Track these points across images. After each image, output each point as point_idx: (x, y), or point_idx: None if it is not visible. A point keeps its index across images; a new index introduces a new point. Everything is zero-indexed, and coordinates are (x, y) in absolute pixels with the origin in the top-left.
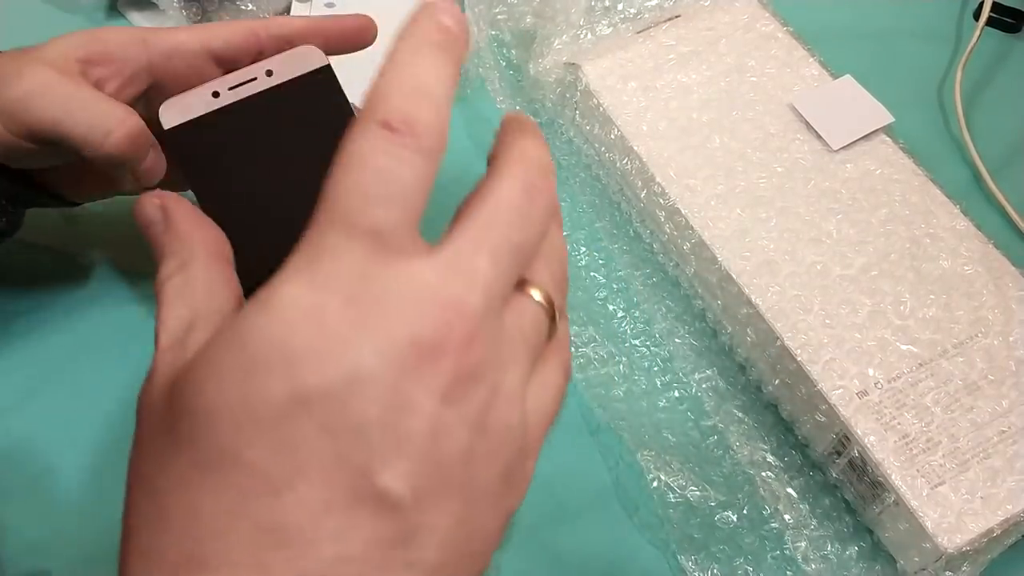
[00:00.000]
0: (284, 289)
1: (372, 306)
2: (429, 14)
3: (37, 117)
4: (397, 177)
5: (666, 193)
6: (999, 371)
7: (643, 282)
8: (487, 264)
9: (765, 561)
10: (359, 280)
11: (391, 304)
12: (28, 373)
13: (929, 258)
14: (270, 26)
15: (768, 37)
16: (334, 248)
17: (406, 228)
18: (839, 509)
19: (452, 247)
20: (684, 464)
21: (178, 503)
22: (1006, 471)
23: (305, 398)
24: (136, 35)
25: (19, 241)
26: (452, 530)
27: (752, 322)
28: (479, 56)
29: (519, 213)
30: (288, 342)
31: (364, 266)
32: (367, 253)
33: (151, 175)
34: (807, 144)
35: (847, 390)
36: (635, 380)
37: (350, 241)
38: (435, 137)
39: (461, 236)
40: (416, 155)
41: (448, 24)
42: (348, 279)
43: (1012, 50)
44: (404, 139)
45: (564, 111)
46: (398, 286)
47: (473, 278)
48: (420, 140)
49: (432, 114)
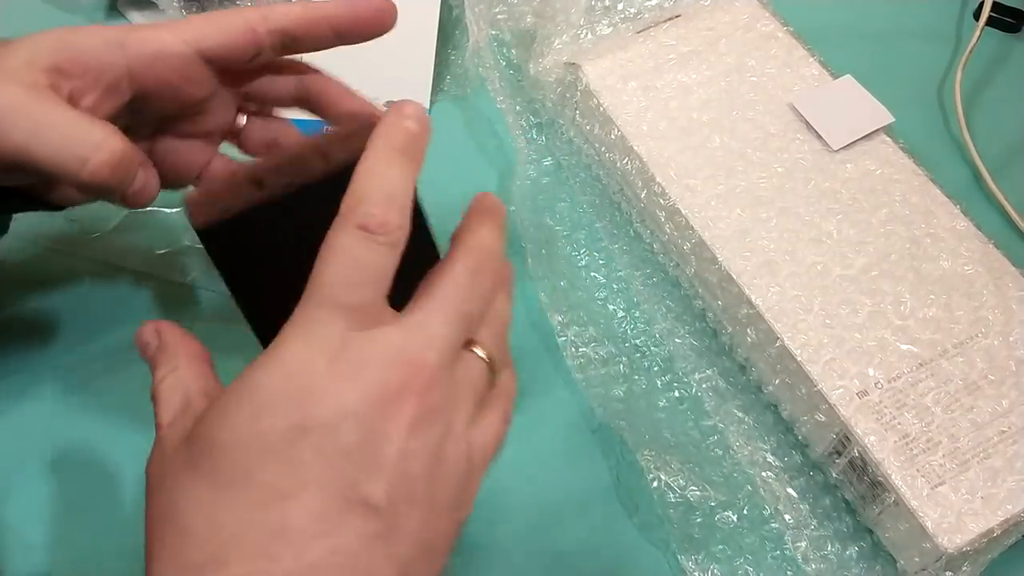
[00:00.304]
0: (284, 347)
1: (354, 362)
2: (397, 119)
3: (2, 145)
4: (371, 265)
5: (666, 193)
6: (999, 371)
7: (643, 282)
8: (441, 328)
9: (765, 561)
10: (342, 343)
11: (369, 360)
12: (27, 373)
13: (929, 258)
14: (269, 18)
15: (768, 37)
16: (321, 320)
17: (378, 302)
18: (839, 509)
19: (415, 316)
20: (684, 464)
21: (201, 517)
22: (1006, 471)
23: (304, 427)
24: (112, 37)
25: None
26: (419, 531)
27: (752, 322)
28: (479, 56)
29: (467, 290)
30: (289, 386)
31: (346, 333)
32: (348, 323)
33: (141, 199)
34: (807, 144)
35: (847, 390)
36: (635, 380)
37: (334, 315)
38: (401, 233)
39: (422, 307)
40: (385, 247)
41: (413, 129)
42: (334, 343)
43: (1012, 50)
44: (377, 237)
45: (564, 111)
46: (372, 347)
47: (431, 339)
48: (390, 237)
49: (399, 216)
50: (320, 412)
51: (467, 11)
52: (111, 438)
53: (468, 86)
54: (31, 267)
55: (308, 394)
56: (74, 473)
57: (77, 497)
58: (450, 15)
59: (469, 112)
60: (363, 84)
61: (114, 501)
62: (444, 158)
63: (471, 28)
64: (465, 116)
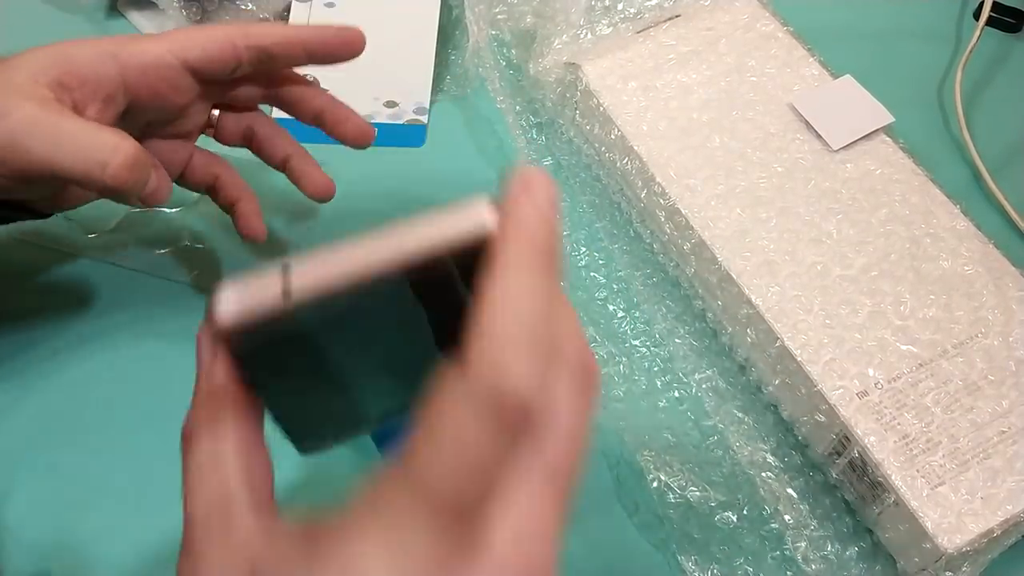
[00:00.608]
0: (361, 559)
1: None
2: (528, 200)
3: (26, 159)
4: (493, 459)
5: (666, 193)
6: (999, 371)
7: (643, 282)
8: (553, 522)
9: (765, 561)
10: (436, 568)
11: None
12: (27, 373)
13: (929, 258)
14: (249, 35)
15: (768, 37)
16: (416, 535)
17: (479, 507)
18: (839, 509)
19: (514, 529)
20: (684, 464)
21: None
22: (1006, 471)
23: None
24: (104, 50)
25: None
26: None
27: (752, 322)
28: (479, 56)
29: (574, 440)
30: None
31: (444, 565)
32: (449, 549)
33: (158, 197)
34: (807, 144)
35: (847, 390)
36: (635, 380)
37: (433, 530)
38: (538, 405)
39: (520, 507)
40: (509, 432)
41: (550, 218)
42: (426, 565)
43: (1012, 50)
44: (516, 427)
45: (564, 111)
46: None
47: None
48: (528, 419)
49: (544, 375)
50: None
51: (467, 11)
52: (111, 438)
53: (468, 86)
54: (31, 267)
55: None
56: (74, 473)
57: (77, 497)
58: (450, 15)
59: (469, 112)
60: (364, 84)
61: (114, 501)
62: (444, 158)
63: (471, 28)
64: (465, 116)
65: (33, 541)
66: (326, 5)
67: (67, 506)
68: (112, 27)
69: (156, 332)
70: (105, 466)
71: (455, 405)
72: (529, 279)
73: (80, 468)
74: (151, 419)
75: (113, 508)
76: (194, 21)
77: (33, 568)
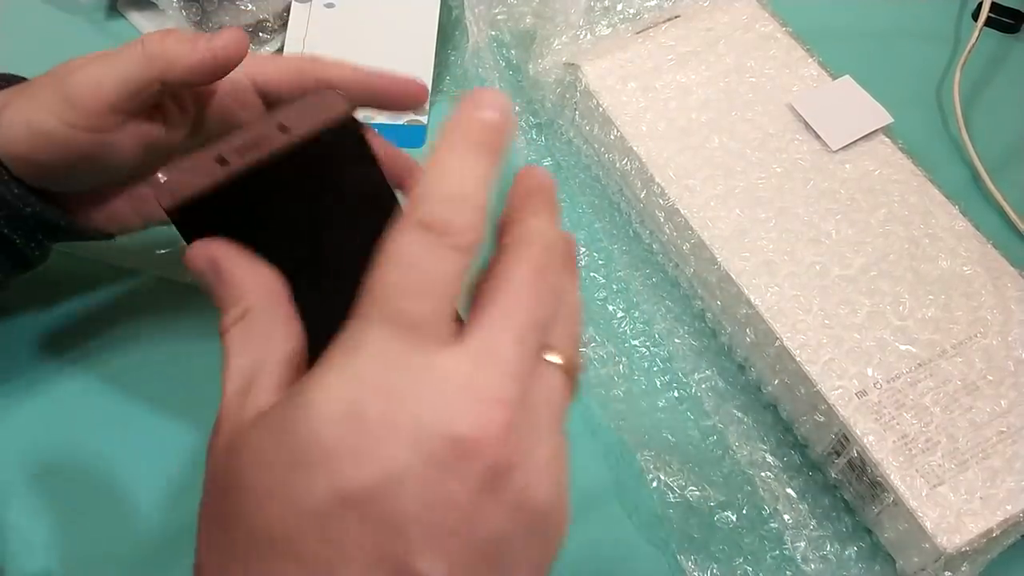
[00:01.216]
0: (324, 381)
1: (408, 400)
2: (470, 109)
3: (112, 88)
4: (433, 271)
5: (665, 193)
6: (998, 371)
7: (642, 282)
8: (514, 348)
9: (764, 561)
10: (396, 373)
11: (426, 398)
12: (27, 373)
13: (928, 258)
14: (316, 69)
15: (767, 37)
16: (372, 342)
17: (440, 319)
18: (838, 509)
19: (479, 335)
20: (684, 464)
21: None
22: (1005, 471)
23: (346, 496)
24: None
25: None
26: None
27: (751, 322)
28: (479, 57)
29: (534, 293)
30: (327, 439)
31: (400, 358)
32: (403, 346)
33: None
34: (806, 144)
35: (846, 390)
36: (635, 380)
37: (385, 333)
38: (471, 234)
39: (486, 324)
40: (453, 251)
41: (490, 119)
42: (384, 372)
43: (1011, 50)
44: (441, 237)
45: (564, 111)
46: (432, 378)
47: (504, 366)
48: (456, 238)
49: (471, 216)
50: (365, 474)
51: (467, 12)
52: (111, 438)
53: (468, 86)
54: None
55: (354, 453)
56: (74, 473)
57: (77, 497)
58: (450, 16)
59: None
60: None
61: (114, 501)
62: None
63: (471, 29)
64: None
65: (34, 541)
66: (326, 6)
67: (67, 506)
68: (112, 27)
69: (156, 332)
70: (105, 465)
71: (391, 238)
72: (458, 153)
73: (80, 468)
74: (151, 418)
75: (113, 508)
76: (193, 22)
77: (34, 568)
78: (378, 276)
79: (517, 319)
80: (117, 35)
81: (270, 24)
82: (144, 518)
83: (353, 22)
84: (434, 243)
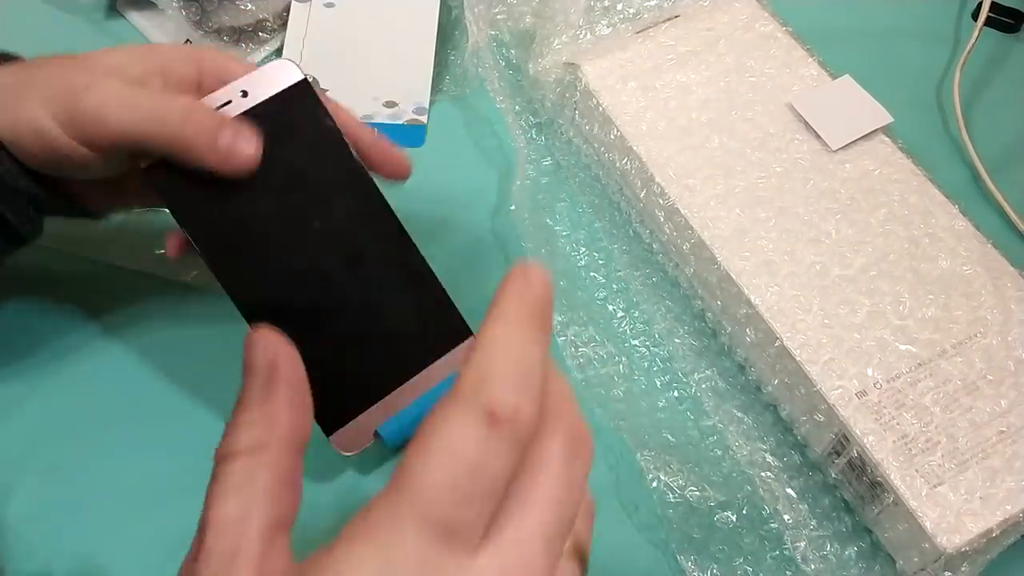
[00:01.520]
0: (354, 568)
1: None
2: (523, 283)
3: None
4: (491, 472)
5: (665, 193)
6: (998, 371)
7: (643, 282)
8: (544, 554)
9: (764, 561)
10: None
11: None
12: (27, 372)
13: (928, 258)
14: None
15: (767, 37)
16: (407, 544)
17: (482, 523)
18: (838, 509)
19: (511, 537)
20: (684, 464)
21: None
22: (1005, 471)
23: None
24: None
25: None
26: None
27: (751, 322)
28: (478, 56)
29: (567, 487)
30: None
31: (437, 568)
32: (439, 551)
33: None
34: (806, 144)
35: (846, 390)
36: (635, 380)
37: (423, 537)
38: (532, 428)
39: (515, 522)
40: (512, 445)
41: (543, 296)
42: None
43: (1011, 50)
44: (504, 432)
45: (564, 111)
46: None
47: (533, 571)
48: (519, 431)
49: (534, 404)
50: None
51: (466, 12)
52: (112, 438)
53: (467, 86)
54: (31, 267)
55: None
56: (74, 473)
57: (77, 497)
58: (449, 16)
59: (468, 112)
60: (364, 84)
61: (114, 501)
62: (444, 158)
63: (470, 28)
64: (464, 116)
65: (34, 541)
66: (326, 5)
67: (67, 506)
68: (111, 27)
69: (156, 332)
70: (105, 466)
71: (444, 418)
72: (519, 330)
73: (80, 468)
74: (152, 418)
75: (113, 508)
76: (193, 22)
77: (34, 567)
78: (427, 465)
79: (547, 515)
80: (117, 35)
81: (270, 24)
82: (144, 518)
83: (353, 22)
84: (494, 437)
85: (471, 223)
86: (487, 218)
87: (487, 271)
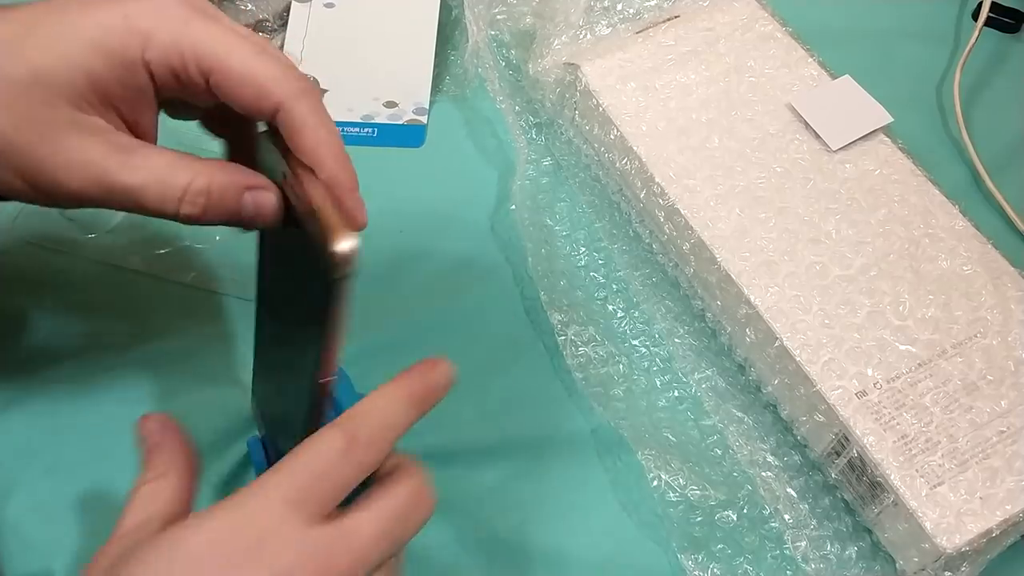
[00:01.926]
0: (224, 512)
1: (277, 548)
2: (426, 371)
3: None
4: (340, 475)
5: (665, 193)
6: (998, 371)
7: (643, 282)
8: (365, 550)
9: (765, 560)
10: (276, 529)
11: (290, 552)
12: (27, 372)
13: (928, 258)
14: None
15: (767, 37)
16: (270, 504)
17: (327, 506)
18: (839, 509)
19: (344, 526)
20: (684, 463)
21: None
22: (1005, 471)
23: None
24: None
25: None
26: None
27: (751, 322)
28: (478, 56)
29: (402, 514)
30: (209, 555)
31: (283, 523)
32: (288, 513)
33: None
34: (806, 144)
35: (846, 390)
36: (635, 380)
37: (284, 505)
38: (375, 463)
39: (352, 519)
40: (358, 467)
41: (434, 387)
42: (269, 527)
43: (1011, 50)
44: (356, 453)
45: (564, 111)
46: (300, 540)
47: (355, 548)
48: (366, 458)
49: (384, 448)
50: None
51: (466, 11)
52: (111, 437)
53: (467, 86)
54: (31, 267)
55: (223, 570)
56: (74, 473)
57: (77, 497)
58: (449, 15)
59: (468, 112)
60: (364, 84)
61: (114, 501)
62: (444, 159)
63: (470, 28)
64: (464, 116)
65: (34, 540)
66: (326, 5)
67: (67, 506)
68: None
69: (156, 332)
70: (105, 466)
71: (319, 434)
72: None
73: (80, 468)
74: None
75: (113, 508)
76: None
77: (34, 567)
78: (296, 459)
79: (377, 529)
80: None
81: (270, 24)
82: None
83: (353, 22)
84: (348, 452)
85: (471, 223)
86: (487, 218)
87: (487, 271)
